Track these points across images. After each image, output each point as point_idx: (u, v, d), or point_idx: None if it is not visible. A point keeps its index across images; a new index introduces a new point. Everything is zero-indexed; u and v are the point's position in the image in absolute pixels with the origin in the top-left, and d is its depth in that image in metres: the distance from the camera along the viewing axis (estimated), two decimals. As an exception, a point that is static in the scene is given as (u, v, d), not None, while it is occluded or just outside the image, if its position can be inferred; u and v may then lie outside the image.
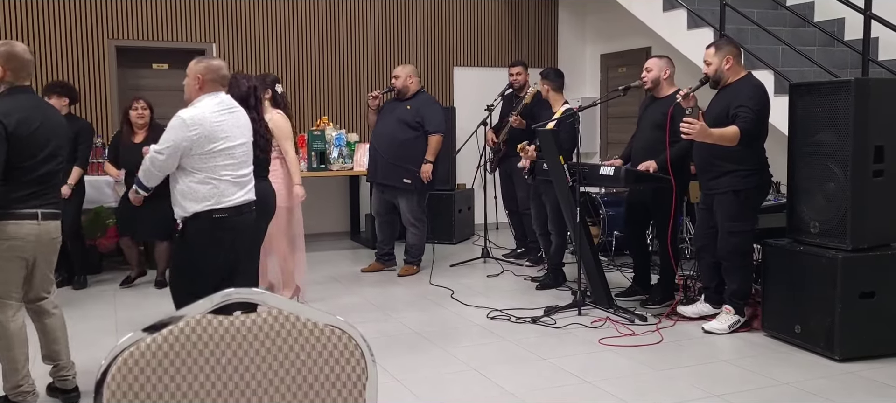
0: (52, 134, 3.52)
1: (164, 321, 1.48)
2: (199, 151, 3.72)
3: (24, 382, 3.56)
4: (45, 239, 3.53)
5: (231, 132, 3.84)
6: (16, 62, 3.46)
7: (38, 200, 3.47)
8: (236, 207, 3.86)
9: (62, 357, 3.72)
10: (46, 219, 3.51)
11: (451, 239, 8.17)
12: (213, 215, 3.78)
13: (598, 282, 5.32)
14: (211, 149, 3.74)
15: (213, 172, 3.77)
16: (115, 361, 1.44)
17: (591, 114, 8.87)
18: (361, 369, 1.56)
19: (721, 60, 4.72)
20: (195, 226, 3.80)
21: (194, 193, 3.76)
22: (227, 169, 3.81)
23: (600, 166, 5.35)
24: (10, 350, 3.50)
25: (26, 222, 3.43)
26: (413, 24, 8.89)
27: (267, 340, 1.52)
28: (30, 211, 3.44)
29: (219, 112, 3.80)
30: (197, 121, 3.71)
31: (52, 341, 3.70)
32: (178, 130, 3.70)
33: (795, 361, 4.30)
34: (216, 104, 3.82)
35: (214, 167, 3.77)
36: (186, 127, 3.69)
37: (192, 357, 1.48)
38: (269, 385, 1.51)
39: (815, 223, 4.44)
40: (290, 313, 1.53)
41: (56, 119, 3.63)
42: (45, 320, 3.69)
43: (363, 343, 1.56)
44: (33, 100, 3.53)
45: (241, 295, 1.53)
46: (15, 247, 3.43)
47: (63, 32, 7.54)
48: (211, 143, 3.73)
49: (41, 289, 3.66)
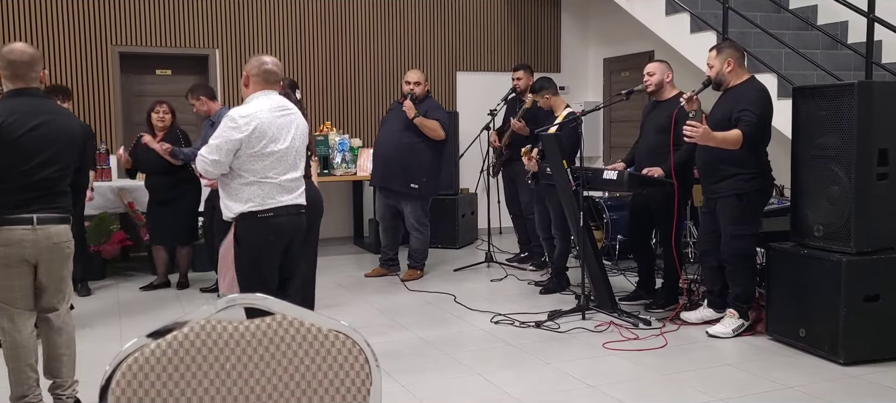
0: (53, 138, 3.41)
1: (168, 326, 1.48)
2: (248, 152, 3.67)
3: (31, 393, 3.48)
4: (46, 244, 3.41)
5: (281, 134, 3.77)
6: (13, 65, 3.38)
7: (35, 205, 3.36)
8: (282, 207, 3.80)
9: (62, 375, 3.59)
10: (44, 223, 3.39)
11: (454, 244, 8.17)
12: (257, 215, 3.73)
13: (602, 286, 5.32)
14: (260, 151, 3.69)
15: (259, 174, 3.72)
16: (120, 367, 1.45)
17: (594, 117, 8.86)
18: (366, 374, 1.56)
19: (722, 63, 4.72)
20: (243, 227, 3.76)
21: (239, 194, 3.73)
22: (273, 172, 3.75)
23: (604, 170, 5.35)
24: (16, 361, 3.43)
25: (19, 227, 3.33)
26: (416, 28, 8.90)
27: (271, 346, 1.52)
28: (24, 215, 3.34)
29: (270, 112, 3.75)
30: (250, 118, 3.67)
31: (54, 357, 3.58)
32: (228, 128, 3.66)
33: (800, 365, 4.29)
34: (268, 103, 3.78)
35: (262, 169, 3.72)
36: (236, 125, 3.65)
37: (197, 362, 1.48)
38: (273, 391, 1.51)
39: (819, 226, 4.43)
40: (295, 318, 1.53)
41: (61, 123, 3.49)
42: (51, 335, 3.57)
43: (367, 348, 1.56)
44: (26, 104, 3.39)
45: (245, 300, 1.54)
46: (10, 253, 3.34)
47: (66, 38, 7.56)
48: (260, 144, 3.68)
49: (51, 301, 3.55)
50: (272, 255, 3.87)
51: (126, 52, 7.78)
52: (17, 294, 3.42)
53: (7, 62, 3.39)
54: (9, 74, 3.40)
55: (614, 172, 5.21)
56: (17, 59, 3.39)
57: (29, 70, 3.43)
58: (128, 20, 7.74)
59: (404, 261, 6.86)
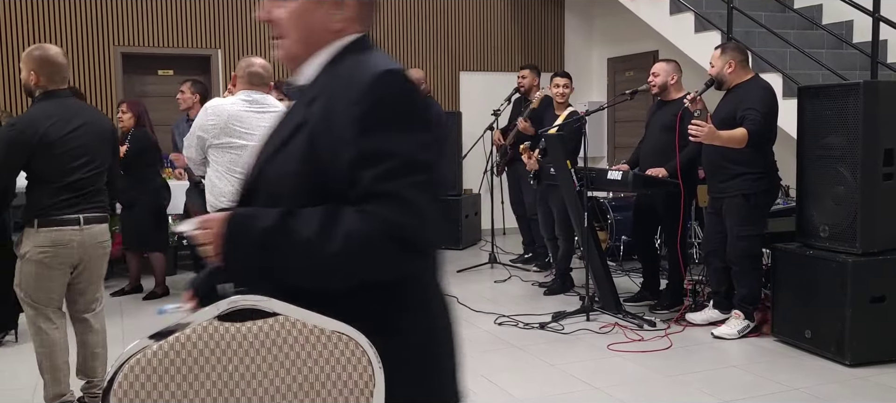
0: (89, 139, 3.44)
1: (170, 328, 1.47)
2: (215, 142, 3.72)
3: (68, 391, 3.50)
4: (90, 243, 3.45)
5: (256, 131, 3.75)
6: (49, 67, 3.39)
7: (81, 205, 3.40)
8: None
9: (97, 374, 3.64)
10: (90, 223, 3.44)
11: (457, 245, 8.15)
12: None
13: (607, 288, 5.30)
14: (225, 143, 3.72)
15: (228, 168, 3.74)
16: (122, 369, 1.43)
17: (599, 118, 8.85)
18: (369, 376, 1.54)
19: (723, 64, 4.71)
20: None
21: (213, 187, 3.78)
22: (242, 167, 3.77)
23: (608, 170, 5.33)
24: (53, 359, 3.45)
25: (68, 228, 3.36)
26: (419, 28, 8.90)
27: (274, 347, 1.50)
28: (71, 216, 3.37)
29: (245, 106, 3.77)
30: (217, 110, 3.74)
31: (91, 357, 3.63)
32: (198, 117, 3.77)
33: (805, 366, 4.26)
34: (245, 98, 3.82)
35: (230, 162, 3.73)
36: (205, 113, 3.74)
37: (199, 364, 1.47)
38: (275, 393, 1.50)
39: (825, 227, 4.41)
40: (297, 319, 1.52)
41: (95, 122, 3.53)
42: (88, 335, 3.62)
43: (370, 349, 1.55)
44: (64, 106, 3.42)
45: (247, 301, 1.52)
46: (59, 255, 3.37)
47: (69, 38, 7.56)
48: (227, 136, 3.71)
49: (89, 302, 3.60)
50: None
51: (128, 52, 7.79)
52: (54, 294, 3.45)
53: (46, 62, 3.39)
54: (46, 74, 3.40)
55: (619, 173, 5.20)
56: (55, 61, 3.42)
57: (65, 72, 3.47)
58: (130, 20, 7.75)
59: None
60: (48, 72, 3.39)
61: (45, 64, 3.39)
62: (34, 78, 3.38)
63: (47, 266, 3.37)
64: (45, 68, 3.39)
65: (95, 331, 3.64)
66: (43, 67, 3.38)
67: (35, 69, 3.38)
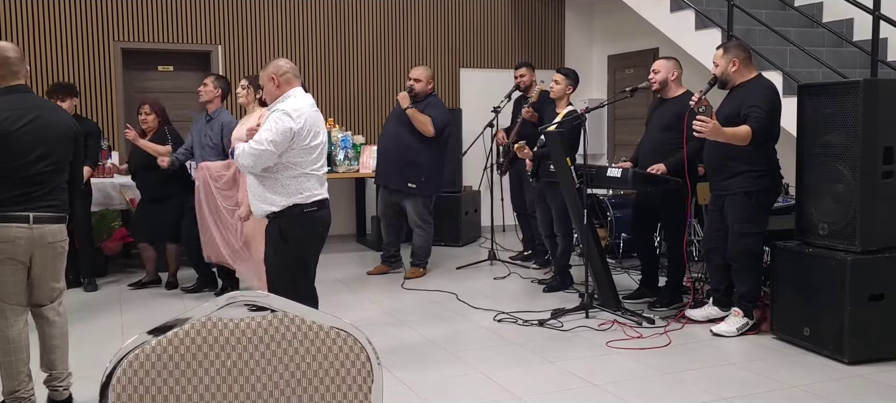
0: (45, 134, 3.41)
1: (169, 323, 1.48)
2: (300, 144, 3.76)
3: (21, 388, 3.48)
4: (40, 243, 3.42)
5: (321, 128, 3.91)
6: (4, 63, 3.40)
7: (32, 202, 3.37)
8: (321, 201, 3.93)
9: (57, 367, 3.62)
10: (41, 222, 3.40)
11: (457, 242, 8.16)
12: (304, 208, 3.84)
13: (606, 285, 5.30)
14: (308, 144, 3.79)
15: (307, 167, 3.82)
16: (121, 363, 1.44)
17: (599, 115, 8.85)
18: (367, 372, 1.54)
19: (727, 63, 4.71)
20: (290, 220, 3.84)
21: (285, 187, 3.81)
22: (317, 164, 3.88)
23: (608, 168, 5.33)
24: (7, 356, 3.43)
25: (14, 225, 3.34)
26: (420, 25, 8.89)
27: (272, 343, 1.51)
28: (20, 213, 3.34)
29: (310, 106, 3.88)
30: (301, 111, 3.77)
31: (48, 349, 3.60)
32: (284, 121, 3.72)
33: (804, 364, 4.27)
34: (308, 99, 3.90)
35: (308, 162, 3.82)
36: (292, 117, 3.73)
37: (198, 359, 1.47)
38: (274, 388, 1.50)
39: (824, 225, 4.41)
40: (296, 315, 1.52)
41: (52, 118, 3.50)
42: (45, 327, 3.59)
43: (368, 345, 1.55)
44: (19, 100, 3.41)
45: (246, 297, 1.52)
46: (6, 250, 3.34)
47: (68, 34, 7.56)
48: (310, 137, 3.79)
49: (42, 296, 3.56)
50: (318, 247, 4.01)
51: (128, 48, 7.78)
52: (10, 290, 3.43)
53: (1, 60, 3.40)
54: (5, 70, 3.41)
55: (618, 170, 5.19)
56: (10, 56, 3.42)
57: (20, 66, 3.47)
58: (130, 16, 7.74)
59: (407, 259, 6.85)
60: (7, 69, 3.41)
61: (2, 61, 3.40)
62: None
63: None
64: (3, 65, 3.40)
65: (52, 324, 3.60)
66: (1, 65, 3.40)
67: None
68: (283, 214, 3.84)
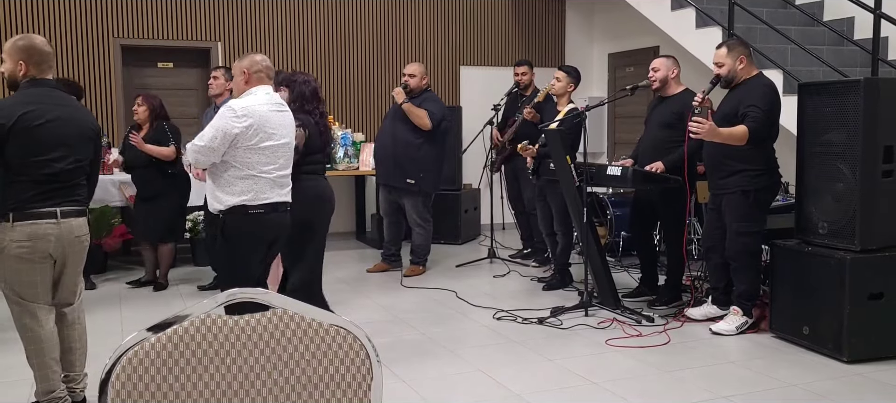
0: (68, 132, 3.39)
1: (168, 320, 1.47)
2: (245, 144, 3.68)
3: (57, 388, 3.46)
4: (68, 238, 3.41)
5: (278, 130, 3.79)
6: (37, 55, 3.38)
7: (57, 198, 3.36)
8: (272, 204, 3.81)
9: (75, 368, 3.60)
10: (67, 217, 3.39)
11: (457, 240, 8.15)
12: (249, 210, 3.73)
13: (605, 283, 5.30)
14: (255, 145, 3.69)
15: (254, 168, 3.72)
16: (120, 360, 1.44)
17: (599, 113, 8.85)
18: (367, 369, 1.54)
19: (734, 60, 4.69)
20: (232, 221, 3.75)
21: (231, 187, 3.73)
22: (268, 167, 3.76)
23: (608, 166, 5.33)
24: (41, 356, 3.41)
25: (44, 221, 3.32)
26: (419, 22, 8.88)
27: (272, 340, 1.51)
28: (48, 209, 3.33)
29: (269, 107, 3.77)
30: (248, 111, 3.68)
31: (67, 351, 3.58)
32: (227, 118, 3.65)
33: (803, 363, 4.27)
34: (267, 98, 3.80)
35: (256, 163, 3.72)
36: (236, 115, 3.65)
37: (197, 356, 1.47)
38: (273, 385, 1.50)
39: (824, 223, 4.41)
40: (296, 313, 1.52)
41: (76, 116, 3.49)
42: (64, 329, 3.57)
43: (368, 343, 1.55)
44: (45, 95, 3.39)
45: (245, 294, 1.52)
46: (37, 248, 3.32)
47: (68, 31, 7.55)
48: (257, 137, 3.69)
49: (67, 296, 3.56)
50: (258, 251, 3.88)
51: (128, 44, 7.77)
52: (39, 289, 3.41)
53: (33, 51, 3.39)
54: (35, 62, 3.39)
55: (618, 168, 5.19)
56: (42, 49, 3.41)
57: (50, 61, 3.46)
58: (129, 13, 7.73)
59: (407, 257, 6.84)
60: (37, 61, 3.39)
61: (33, 53, 3.38)
62: (22, 68, 3.37)
63: (28, 260, 3.33)
64: (34, 57, 3.38)
65: (71, 325, 3.59)
66: (32, 56, 3.37)
67: (23, 59, 3.36)
68: (227, 213, 3.74)
